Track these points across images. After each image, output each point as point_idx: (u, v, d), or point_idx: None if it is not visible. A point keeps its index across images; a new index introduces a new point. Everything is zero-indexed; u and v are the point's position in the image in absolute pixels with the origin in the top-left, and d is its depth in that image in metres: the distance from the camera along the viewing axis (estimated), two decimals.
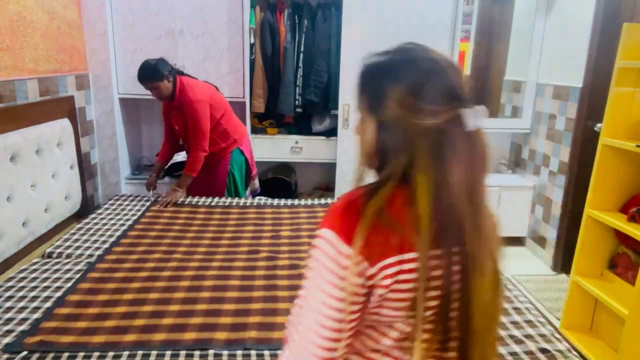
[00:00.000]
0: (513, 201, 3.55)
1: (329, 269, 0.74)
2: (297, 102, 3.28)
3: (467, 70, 3.70)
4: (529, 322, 1.50)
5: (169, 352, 1.37)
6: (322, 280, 0.75)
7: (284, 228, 2.36)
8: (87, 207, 2.77)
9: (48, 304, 1.62)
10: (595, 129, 2.85)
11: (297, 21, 3.21)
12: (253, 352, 1.39)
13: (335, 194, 3.35)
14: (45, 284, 1.77)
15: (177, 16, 3.04)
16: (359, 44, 3.07)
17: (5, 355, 1.33)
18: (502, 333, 1.45)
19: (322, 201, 2.79)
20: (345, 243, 0.73)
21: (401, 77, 0.77)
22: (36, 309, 1.60)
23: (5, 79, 2.14)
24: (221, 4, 3.03)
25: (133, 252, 2.06)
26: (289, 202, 2.77)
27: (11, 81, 2.18)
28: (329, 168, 3.45)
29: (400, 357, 0.82)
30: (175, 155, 3.29)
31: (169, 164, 3.24)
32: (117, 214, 2.52)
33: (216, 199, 2.75)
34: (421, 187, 0.74)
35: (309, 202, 2.77)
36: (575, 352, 1.37)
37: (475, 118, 0.76)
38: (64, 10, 2.68)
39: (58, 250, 2.07)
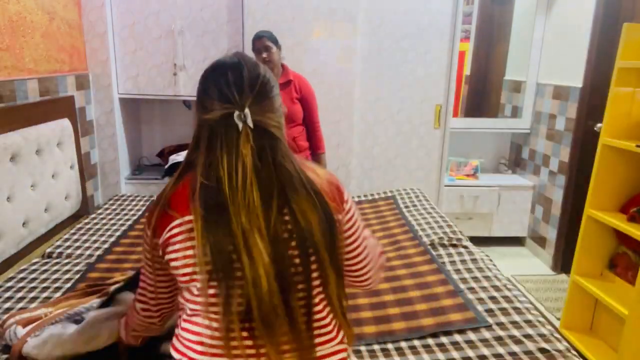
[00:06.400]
0: (513, 201, 3.55)
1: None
2: None
3: (467, 70, 3.70)
4: (528, 322, 1.50)
5: None
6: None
7: None
8: (87, 207, 2.77)
9: None
10: (595, 129, 2.85)
11: None
12: None
13: None
14: (45, 284, 1.77)
15: (177, 16, 3.04)
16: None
17: (5, 356, 1.33)
18: (502, 333, 1.45)
19: None
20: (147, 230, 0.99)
21: (202, 79, 0.98)
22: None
23: (5, 79, 2.14)
24: (221, 4, 3.03)
25: (133, 252, 2.06)
26: None
27: (11, 81, 2.18)
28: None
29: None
30: (175, 155, 3.29)
31: (169, 164, 3.23)
32: (117, 214, 2.52)
33: None
34: (197, 171, 0.94)
35: None
36: (574, 352, 1.36)
37: (243, 118, 0.91)
38: (64, 10, 2.68)
39: (58, 250, 2.07)
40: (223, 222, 0.89)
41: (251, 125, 0.91)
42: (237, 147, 0.91)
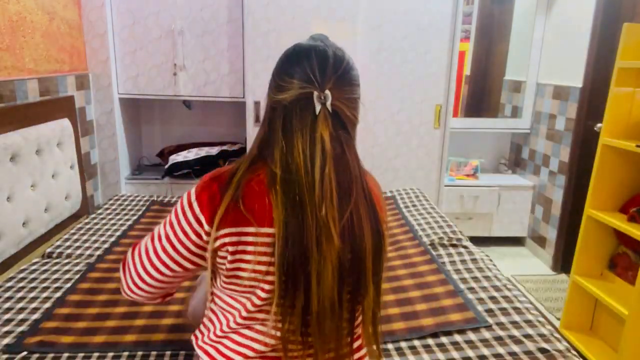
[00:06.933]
0: (513, 201, 3.55)
1: (178, 221, 0.91)
2: None
3: (467, 70, 3.70)
4: (528, 322, 1.50)
5: (168, 352, 1.37)
6: (165, 226, 0.93)
7: None
8: (87, 207, 2.77)
9: (48, 304, 1.62)
10: (595, 129, 2.85)
11: None
12: None
13: None
14: (45, 284, 1.77)
15: (177, 16, 3.04)
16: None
17: (5, 356, 1.33)
18: (502, 333, 1.45)
19: None
20: (199, 208, 0.88)
21: (283, 58, 0.93)
22: (36, 309, 1.60)
23: (5, 79, 2.14)
24: (221, 4, 3.03)
25: None
26: None
27: (11, 81, 2.18)
28: None
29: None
30: (175, 155, 3.30)
31: (169, 164, 3.24)
32: (117, 214, 2.52)
33: None
34: (275, 159, 0.86)
35: None
36: (574, 352, 1.36)
37: (322, 99, 0.84)
38: (64, 10, 2.68)
39: (58, 250, 2.07)
40: (300, 219, 0.83)
41: (330, 109, 0.84)
42: (314, 131, 0.83)
